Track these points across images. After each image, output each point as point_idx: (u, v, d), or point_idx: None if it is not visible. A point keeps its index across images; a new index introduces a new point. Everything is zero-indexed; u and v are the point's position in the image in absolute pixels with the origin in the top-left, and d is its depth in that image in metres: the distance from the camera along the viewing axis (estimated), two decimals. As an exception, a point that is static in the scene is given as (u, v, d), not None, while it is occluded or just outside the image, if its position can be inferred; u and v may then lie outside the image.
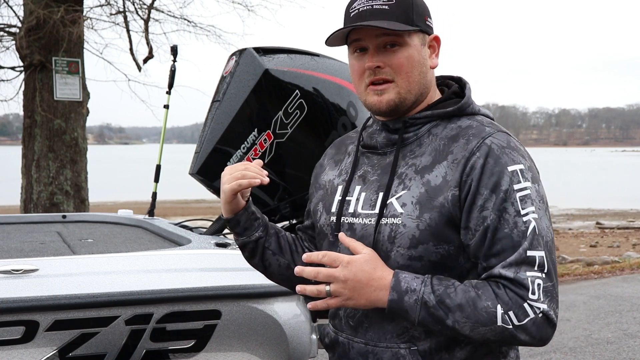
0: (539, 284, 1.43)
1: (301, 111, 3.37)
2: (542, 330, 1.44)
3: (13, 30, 8.22)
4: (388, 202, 1.54)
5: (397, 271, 1.49)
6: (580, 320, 6.42)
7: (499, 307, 1.42)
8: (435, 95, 1.66)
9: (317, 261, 1.49)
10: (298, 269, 1.51)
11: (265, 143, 3.35)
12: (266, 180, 1.63)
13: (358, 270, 1.47)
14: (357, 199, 1.61)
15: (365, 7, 1.54)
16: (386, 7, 1.53)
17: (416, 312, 1.44)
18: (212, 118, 3.40)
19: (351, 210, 1.62)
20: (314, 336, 2.88)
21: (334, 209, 1.66)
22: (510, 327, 1.42)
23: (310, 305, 1.51)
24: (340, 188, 1.68)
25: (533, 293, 1.42)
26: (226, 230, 3.67)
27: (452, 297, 1.44)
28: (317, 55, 3.59)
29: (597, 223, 18.17)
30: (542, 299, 1.43)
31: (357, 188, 1.63)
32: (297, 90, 3.37)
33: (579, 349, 5.53)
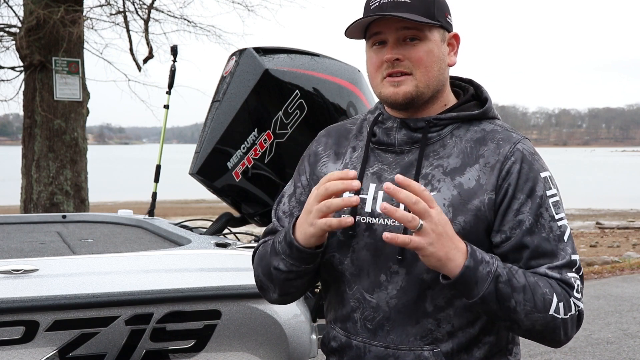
0: (578, 284, 1.50)
1: (301, 111, 3.38)
2: (573, 328, 1.50)
3: (13, 30, 8.22)
4: None
5: (467, 242, 1.44)
6: (580, 320, 6.42)
7: (554, 295, 1.45)
8: (450, 95, 1.65)
9: (415, 190, 1.35)
10: (390, 187, 1.35)
11: (265, 143, 3.35)
12: (350, 222, 1.44)
13: (447, 222, 1.40)
14: (374, 198, 1.56)
15: None
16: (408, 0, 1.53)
17: (486, 284, 1.40)
18: (212, 118, 3.40)
19: (368, 209, 1.56)
20: (314, 336, 2.88)
21: None
22: (559, 317, 1.46)
23: (389, 235, 1.35)
24: None
25: (577, 292, 1.49)
26: (226, 231, 3.67)
27: (517, 277, 1.44)
28: (317, 55, 3.59)
29: (597, 223, 18.15)
30: (581, 299, 1.50)
31: (372, 186, 1.58)
32: (297, 90, 3.37)
33: (579, 349, 5.53)
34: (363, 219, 1.56)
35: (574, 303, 1.48)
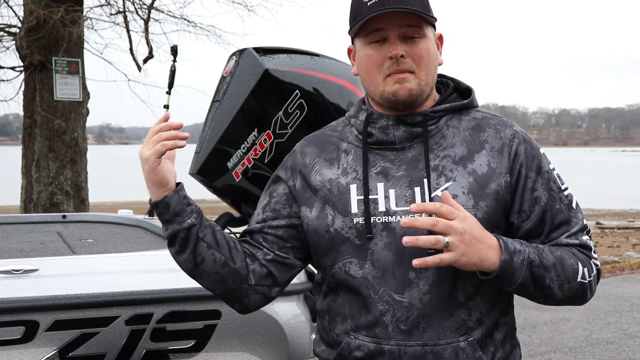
0: (592, 244, 1.60)
1: (301, 111, 3.37)
2: (596, 285, 1.60)
3: (13, 30, 8.23)
4: (433, 195, 1.51)
5: (495, 234, 1.48)
6: (580, 320, 6.42)
7: (579, 263, 1.54)
8: (433, 91, 1.65)
9: (432, 211, 1.40)
10: (407, 220, 1.39)
11: (265, 143, 3.34)
12: (185, 137, 1.56)
13: (473, 225, 1.43)
14: (386, 197, 1.54)
15: None
16: None
17: (522, 272, 1.46)
18: (212, 118, 3.40)
19: (382, 208, 1.53)
20: (314, 336, 2.87)
21: (354, 209, 1.55)
22: (586, 281, 1.55)
23: (417, 262, 1.39)
24: (354, 187, 1.57)
25: (594, 252, 1.59)
26: (226, 231, 3.67)
27: (546, 256, 1.50)
28: (317, 55, 3.58)
29: (597, 223, 18.14)
30: (597, 257, 1.60)
31: (380, 185, 1.55)
32: (297, 90, 3.36)
33: (579, 349, 5.53)
34: (379, 219, 1.53)
35: (594, 264, 1.57)
